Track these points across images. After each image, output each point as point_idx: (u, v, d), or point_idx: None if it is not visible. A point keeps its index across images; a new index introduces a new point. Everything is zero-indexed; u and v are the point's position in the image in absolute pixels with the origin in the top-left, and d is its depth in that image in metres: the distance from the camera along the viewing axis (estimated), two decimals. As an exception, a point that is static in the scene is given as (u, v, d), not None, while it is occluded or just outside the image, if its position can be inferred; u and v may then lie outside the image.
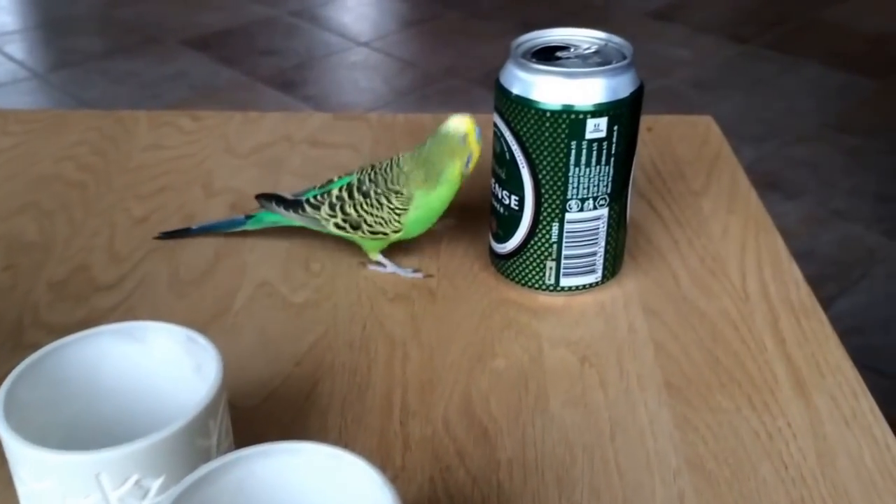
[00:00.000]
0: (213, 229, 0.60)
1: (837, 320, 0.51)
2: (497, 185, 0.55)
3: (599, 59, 0.52)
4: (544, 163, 0.51)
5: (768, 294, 0.57)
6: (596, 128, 0.50)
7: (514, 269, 0.56)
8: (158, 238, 0.60)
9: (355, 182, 0.56)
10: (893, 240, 1.70)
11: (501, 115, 0.52)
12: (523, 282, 0.56)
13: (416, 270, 0.58)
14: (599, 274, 0.56)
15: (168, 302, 0.55)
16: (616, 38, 0.53)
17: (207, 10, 2.75)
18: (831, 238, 1.71)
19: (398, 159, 0.56)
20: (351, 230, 0.56)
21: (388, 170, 0.56)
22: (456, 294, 0.56)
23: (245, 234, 0.61)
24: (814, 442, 0.46)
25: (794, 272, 0.59)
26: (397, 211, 0.55)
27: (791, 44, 2.50)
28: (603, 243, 0.54)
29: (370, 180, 0.56)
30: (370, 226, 0.56)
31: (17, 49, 2.52)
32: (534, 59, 0.51)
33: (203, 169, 0.69)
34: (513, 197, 0.54)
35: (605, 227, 0.54)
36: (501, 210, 0.55)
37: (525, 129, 0.51)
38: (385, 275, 0.58)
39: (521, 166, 0.52)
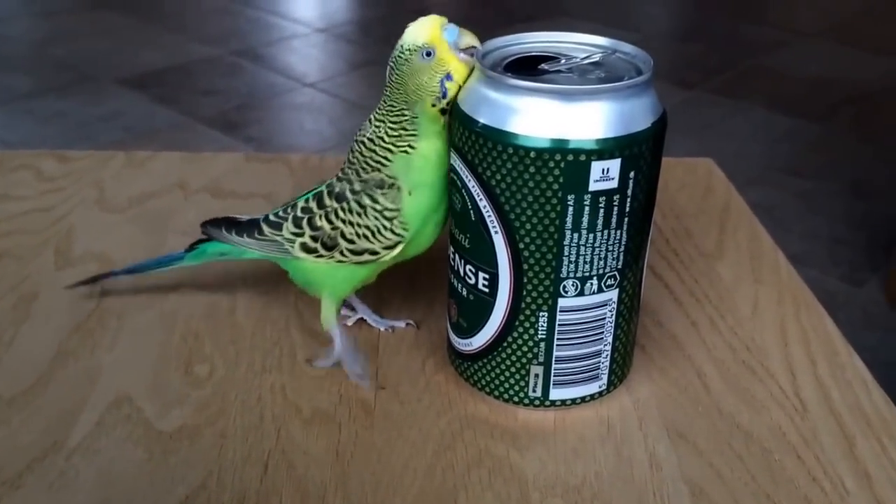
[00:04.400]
0: (144, 269, 0.46)
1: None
2: (457, 257, 0.38)
3: (604, 75, 0.36)
4: (528, 226, 0.35)
5: (831, 402, 0.41)
6: (604, 174, 0.34)
7: (485, 376, 0.39)
8: (72, 287, 0.46)
9: (324, 189, 0.41)
10: (851, 285, 1.62)
11: (462, 156, 0.36)
12: (497, 393, 0.39)
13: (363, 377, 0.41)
14: (604, 381, 0.39)
15: (-34, 436, 0.37)
16: (626, 47, 0.37)
17: (146, 48, 2.65)
18: (791, 285, 1.64)
19: (366, 128, 0.40)
20: (324, 251, 0.40)
21: (360, 153, 0.39)
22: (401, 411, 0.39)
23: (107, 313, 0.44)
24: None
25: (858, 367, 0.44)
26: (387, 213, 0.39)
27: (736, 89, 2.50)
28: (610, 339, 0.38)
29: (339, 179, 0.40)
30: (350, 241, 0.39)
31: (-60, 88, 2.34)
32: (511, 74, 0.35)
33: (61, 228, 0.51)
34: (481, 274, 0.37)
35: (614, 317, 0.38)
36: (464, 292, 0.38)
37: (498, 177, 0.35)
38: (301, 383, 0.41)
39: (492, 230, 0.36)
